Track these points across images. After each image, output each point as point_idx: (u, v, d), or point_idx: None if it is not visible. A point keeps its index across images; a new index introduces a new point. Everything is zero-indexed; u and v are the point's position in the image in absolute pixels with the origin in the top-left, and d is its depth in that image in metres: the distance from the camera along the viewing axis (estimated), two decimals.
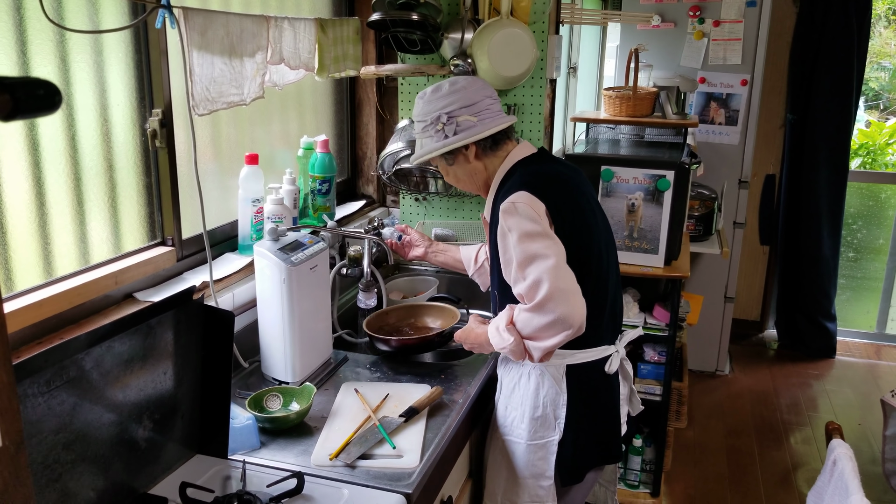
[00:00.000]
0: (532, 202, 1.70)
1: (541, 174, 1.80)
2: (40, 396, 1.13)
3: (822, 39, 4.36)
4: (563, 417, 1.84)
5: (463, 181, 1.91)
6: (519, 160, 1.84)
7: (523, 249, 1.66)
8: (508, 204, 1.71)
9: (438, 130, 1.79)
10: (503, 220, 1.71)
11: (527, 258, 1.65)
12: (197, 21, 1.66)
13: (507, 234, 1.70)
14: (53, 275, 1.56)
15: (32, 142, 1.48)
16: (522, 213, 1.68)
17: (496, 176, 1.86)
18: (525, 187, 1.73)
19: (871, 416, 3.98)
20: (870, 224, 4.99)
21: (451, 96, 1.80)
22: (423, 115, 1.82)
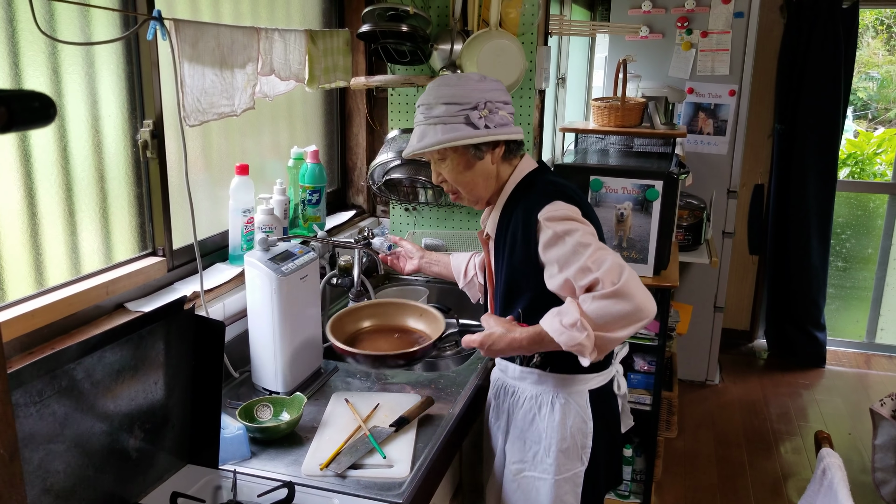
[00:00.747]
0: (571, 208, 1.64)
1: (559, 185, 1.72)
2: (32, 406, 1.14)
3: (809, 50, 4.40)
4: (589, 446, 1.77)
5: (473, 185, 1.75)
6: (528, 173, 1.76)
7: (591, 241, 1.57)
8: (551, 212, 1.62)
9: (480, 118, 1.64)
10: (553, 227, 1.60)
11: (597, 248, 1.56)
12: (188, 33, 1.67)
13: (563, 237, 1.59)
14: (45, 285, 1.56)
15: (24, 152, 1.48)
16: (572, 217, 1.61)
17: (506, 188, 1.76)
18: (557, 196, 1.66)
19: (860, 426, 4.00)
20: (858, 233, 5.03)
21: (492, 85, 1.69)
22: (458, 97, 1.65)
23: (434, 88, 1.69)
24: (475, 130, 1.65)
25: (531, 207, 1.65)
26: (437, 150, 1.68)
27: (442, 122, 1.66)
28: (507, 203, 1.74)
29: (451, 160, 1.71)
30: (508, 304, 1.77)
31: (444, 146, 1.66)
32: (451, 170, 1.73)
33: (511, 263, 1.72)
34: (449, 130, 1.65)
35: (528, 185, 1.73)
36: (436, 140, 1.66)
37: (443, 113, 1.66)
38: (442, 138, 1.65)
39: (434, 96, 1.67)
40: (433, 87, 1.70)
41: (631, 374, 3.06)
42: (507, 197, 1.75)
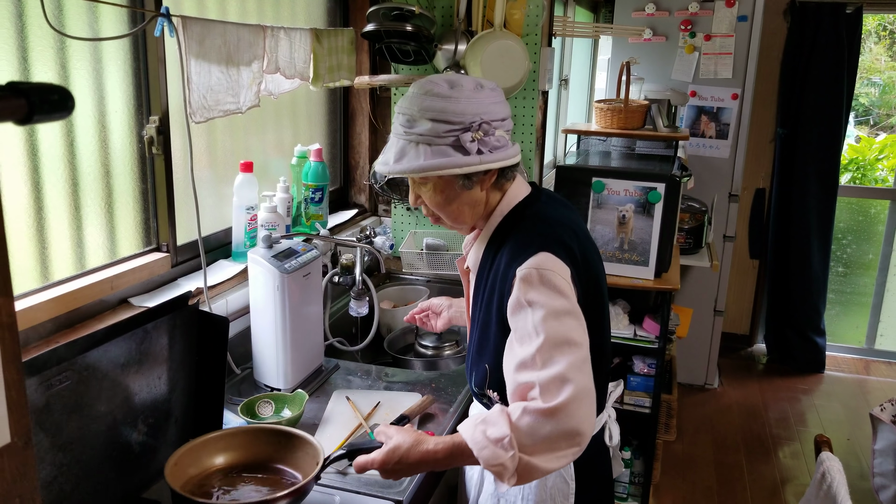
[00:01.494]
0: (558, 267, 1.35)
1: (553, 223, 1.45)
2: (37, 399, 1.14)
3: (812, 54, 4.42)
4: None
5: (457, 214, 1.48)
6: (518, 203, 1.50)
7: (551, 330, 1.29)
8: (530, 271, 1.34)
9: (473, 141, 1.36)
10: (523, 292, 1.33)
11: (553, 342, 1.28)
12: (195, 30, 1.68)
13: (528, 308, 1.32)
14: (50, 279, 1.57)
15: (32, 147, 1.49)
16: (550, 285, 1.32)
17: (493, 218, 1.50)
18: (546, 247, 1.37)
19: (859, 431, 4.01)
20: (859, 239, 5.03)
21: (489, 97, 1.40)
22: (448, 113, 1.36)
23: (418, 97, 1.39)
24: (466, 157, 1.36)
25: (514, 256, 1.39)
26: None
27: (426, 141, 1.37)
28: (493, 237, 1.49)
29: (433, 185, 1.44)
30: (479, 353, 1.52)
31: (428, 174, 1.39)
32: (433, 196, 1.46)
33: (488, 312, 1.46)
34: (435, 154, 1.36)
35: (519, 218, 1.47)
36: (418, 165, 1.37)
37: (428, 131, 1.36)
38: (425, 164, 1.36)
39: (419, 107, 1.37)
40: (417, 94, 1.39)
41: (630, 377, 3.06)
42: (494, 229, 1.50)
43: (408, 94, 1.42)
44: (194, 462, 1.42)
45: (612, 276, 2.89)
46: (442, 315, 2.00)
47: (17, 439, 0.58)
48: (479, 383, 1.52)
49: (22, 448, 0.58)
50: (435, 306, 2.01)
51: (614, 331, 2.97)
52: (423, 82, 1.41)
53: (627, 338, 2.98)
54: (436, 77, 1.41)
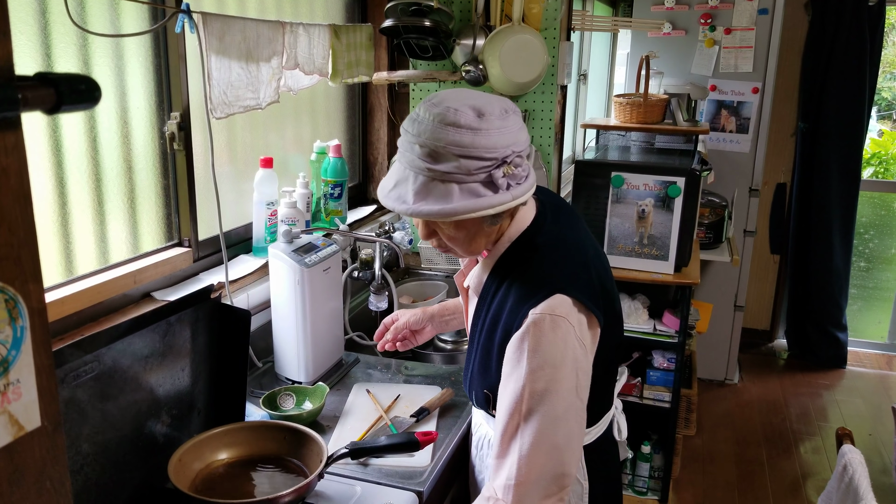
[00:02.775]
0: (572, 314, 1.29)
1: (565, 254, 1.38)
2: (63, 390, 1.16)
3: (834, 48, 4.37)
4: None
5: (474, 246, 1.38)
6: (526, 228, 1.40)
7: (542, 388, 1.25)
8: (543, 316, 1.26)
9: (503, 176, 1.23)
10: (531, 335, 1.26)
11: (540, 398, 1.25)
12: (215, 26, 1.69)
13: (529, 353, 1.27)
14: (74, 273, 1.59)
15: (55, 143, 1.51)
16: (561, 334, 1.27)
17: (500, 243, 1.40)
18: (562, 287, 1.29)
19: (881, 427, 3.97)
20: (882, 234, 4.98)
21: (515, 123, 1.27)
22: (479, 148, 1.21)
23: (441, 128, 1.21)
24: (497, 196, 1.23)
25: (528, 294, 1.31)
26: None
27: (455, 180, 1.22)
28: (499, 263, 1.41)
29: (455, 224, 1.31)
30: (482, 375, 1.44)
31: (460, 217, 1.24)
32: (454, 233, 1.34)
33: (489, 340, 1.40)
34: (464, 193, 1.22)
35: (529, 247, 1.38)
36: (450, 209, 1.22)
37: (457, 169, 1.21)
38: (457, 207, 1.21)
39: (445, 141, 1.21)
40: (440, 124, 1.22)
41: (650, 371, 3.06)
42: (500, 255, 1.41)
43: (424, 122, 1.24)
44: (197, 459, 1.43)
45: (632, 271, 2.88)
46: (425, 331, 1.84)
47: (47, 423, 0.59)
48: (480, 404, 1.49)
49: (52, 432, 0.60)
50: (412, 324, 1.82)
51: (634, 325, 2.97)
52: (443, 110, 1.23)
53: (647, 332, 2.97)
54: (457, 103, 1.23)
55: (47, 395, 0.59)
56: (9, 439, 0.57)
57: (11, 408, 0.57)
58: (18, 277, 0.58)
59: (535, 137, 2.77)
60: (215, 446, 1.46)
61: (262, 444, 1.49)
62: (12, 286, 0.57)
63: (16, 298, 0.57)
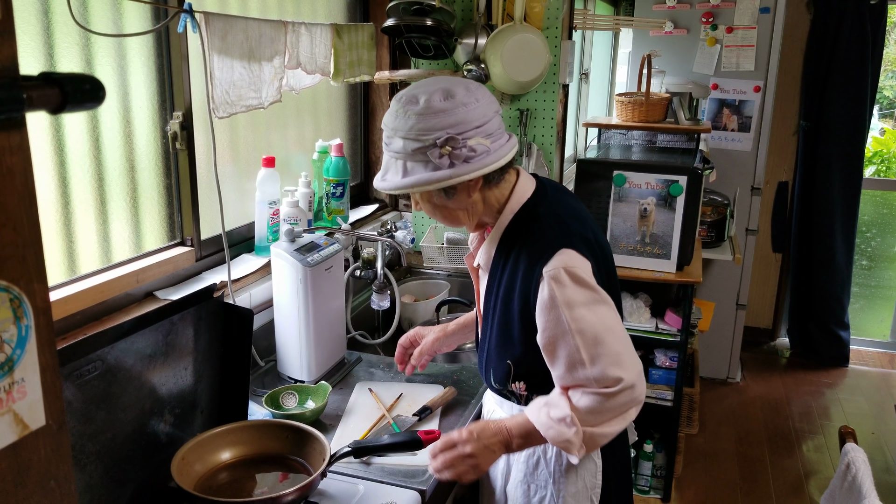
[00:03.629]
0: (581, 263, 1.40)
1: (567, 219, 1.48)
2: (67, 389, 1.16)
3: (836, 47, 4.36)
4: (599, 486, 1.60)
5: (453, 219, 1.50)
6: (527, 200, 1.50)
7: (588, 325, 1.37)
8: (558, 271, 1.38)
9: (440, 157, 1.35)
10: (556, 291, 1.37)
11: (594, 336, 1.37)
12: (217, 26, 1.70)
13: (563, 308, 1.37)
14: (77, 272, 1.59)
15: (58, 142, 1.51)
16: (579, 281, 1.38)
17: (503, 216, 1.50)
18: (567, 243, 1.41)
19: (884, 426, 3.97)
20: (884, 232, 4.97)
21: (462, 110, 1.37)
22: (415, 131, 1.36)
23: (393, 115, 1.41)
24: (437, 173, 1.37)
25: (537, 256, 1.41)
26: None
27: (401, 158, 1.39)
28: (505, 235, 1.50)
29: (421, 197, 1.47)
30: (502, 350, 1.54)
31: (405, 191, 1.41)
32: (426, 206, 1.50)
33: (506, 313, 1.49)
34: (410, 171, 1.39)
35: (529, 218, 1.48)
36: (397, 183, 1.40)
37: (401, 149, 1.38)
38: (402, 182, 1.39)
39: (392, 126, 1.40)
40: (394, 111, 1.41)
41: (652, 370, 3.06)
42: (504, 228, 1.50)
43: (390, 109, 1.43)
44: (200, 458, 1.43)
45: (634, 270, 2.88)
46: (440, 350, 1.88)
47: (52, 422, 0.59)
48: (499, 380, 1.55)
49: (56, 431, 0.60)
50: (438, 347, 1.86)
51: (636, 324, 2.97)
52: (401, 97, 1.41)
53: (649, 331, 2.97)
54: (417, 89, 1.40)
55: (52, 394, 0.59)
56: (13, 438, 0.57)
57: (16, 407, 0.58)
58: (23, 277, 0.58)
59: (536, 136, 2.77)
60: (218, 445, 1.46)
61: (264, 442, 1.50)
62: (17, 285, 0.57)
63: (20, 298, 0.58)
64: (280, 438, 1.50)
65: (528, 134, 2.77)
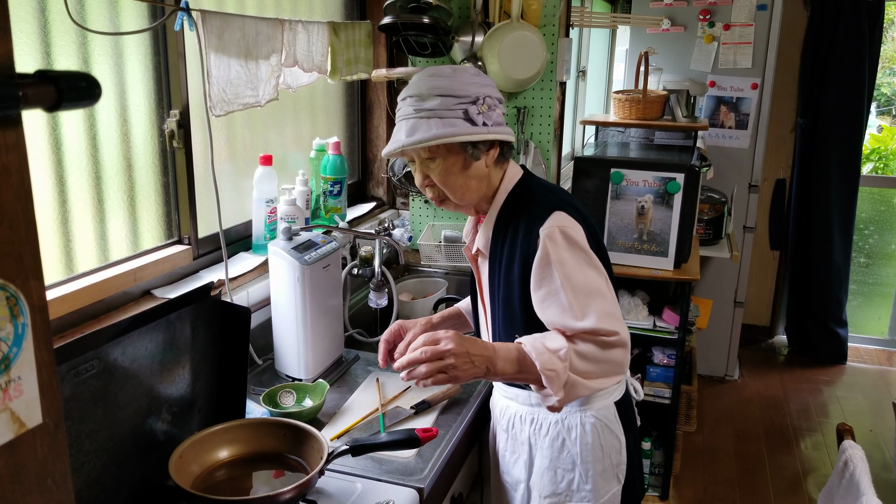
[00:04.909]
0: (574, 225, 1.49)
1: (557, 191, 1.61)
2: (64, 388, 1.16)
3: (833, 44, 4.37)
4: (624, 462, 1.65)
5: (465, 188, 1.55)
6: (517, 181, 1.60)
7: (582, 282, 1.44)
8: (553, 229, 1.46)
9: (479, 113, 1.47)
10: (551, 250, 1.45)
11: (587, 292, 1.43)
12: (214, 24, 1.69)
13: (556, 265, 1.44)
14: (74, 271, 1.59)
15: (55, 141, 1.51)
16: (572, 241, 1.46)
17: (497, 197, 1.59)
18: (559, 206, 1.50)
19: (882, 423, 3.98)
20: (882, 229, 4.98)
21: (487, 80, 1.53)
22: (454, 89, 1.46)
23: (425, 79, 1.50)
24: (474, 127, 1.47)
25: (533, 220, 1.50)
26: (429, 146, 1.47)
27: (437, 115, 1.46)
28: (501, 215, 1.58)
29: (442, 160, 1.51)
30: (508, 329, 1.59)
31: (441, 142, 1.45)
32: (443, 171, 1.52)
33: (509, 283, 1.55)
34: (446, 125, 1.45)
35: (522, 194, 1.58)
36: (431, 135, 1.45)
37: (438, 105, 1.46)
38: (438, 133, 1.45)
39: (427, 87, 1.48)
40: (424, 77, 1.51)
41: (650, 368, 3.06)
42: (500, 207, 1.59)
43: (413, 82, 1.53)
44: (198, 456, 1.43)
45: (631, 267, 2.88)
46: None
47: (48, 420, 0.59)
48: None
49: (53, 429, 0.60)
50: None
51: (634, 321, 2.97)
52: (425, 70, 1.55)
53: (647, 329, 2.97)
54: (435, 66, 1.55)
55: (49, 392, 0.59)
56: (10, 436, 0.57)
57: (13, 405, 0.57)
58: (19, 275, 0.58)
59: (534, 134, 2.77)
60: (216, 443, 1.46)
61: (262, 441, 1.49)
62: (13, 283, 0.57)
63: (17, 296, 0.58)
64: (278, 437, 1.50)
65: (525, 131, 2.77)
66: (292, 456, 1.48)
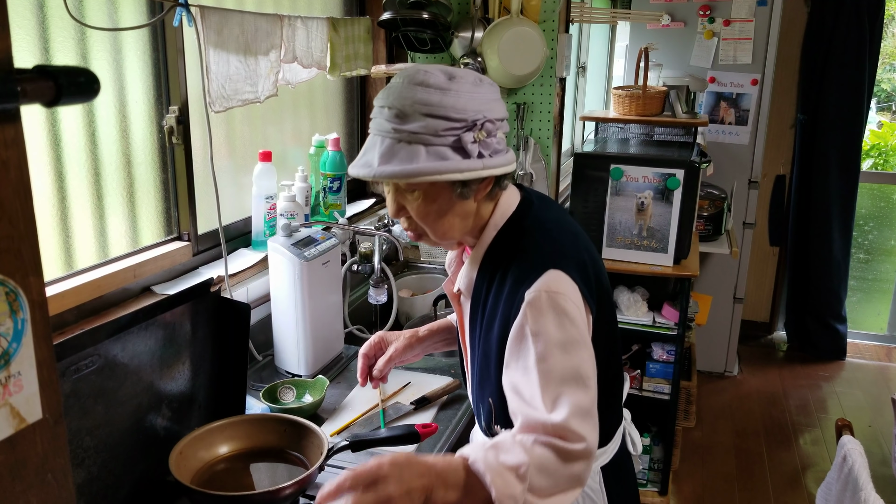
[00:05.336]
0: (569, 289, 1.19)
1: (556, 233, 1.29)
2: (64, 384, 1.16)
3: (833, 39, 4.36)
4: None
5: (447, 228, 1.27)
6: (512, 214, 1.31)
7: (561, 365, 1.15)
8: (539, 294, 1.17)
9: (475, 142, 1.17)
10: (530, 319, 1.17)
11: (563, 378, 1.14)
12: (213, 19, 1.69)
13: (533, 339, 1.16)
14: (74, 267, 1.59)
15: (54, 137, 1.51)
16: (559, 310, 1.17)
17: (486, 232, 1.31)
18: (555, 263, 1.21)
19: (881, 418, 3.98)
20: (881, 225, 4.98)
21: (490, 93, 1.22)
22: (448, 108, 1.16)
23: (409, 87, 1.17)
24: (467, 161, 1.17)
25: (521, 277, 1.21)
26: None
27: (421, 141, 1.16)
28: (489, 254, 1.30)
29: (423, 193, 1.22)
30: (481, 387, 1.34)
31: (424, 179, 1.16)
32: (421, 206, 1.24)
33: (487, 342, 1.29)
34: (432, 156, 1.16)
35: (515, 234, 1.29)
36: (412, 169, 1.15)
37: (423, 129, 1.15)
38: (422, 167, 1.15)
39: (412, 100, 1.16)
40: (409, 86, 1.17)
41: (650, 364, 3.06)
42: (488, 246, 1.31)
43: (393, 85, 1.20)
44: (198, 452, 1.42)
45: (631, 263, 2.89)
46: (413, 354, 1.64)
47: (48, 416, 0.59)
48: (486, 420, 1.35)
49: (53, 424, 0.60)
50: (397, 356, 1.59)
51: (633, 317, 2.97)
52: (412, 72, 1.19)
53: (646, 325, 2.97)
54: (428, 66, 1.20)
55: (48, 388, 0.59)
56: (10, 431, 0.57)
57: (13, 400, 0.58)
58: (19, 270, 0.58)
59: (533, 130, 2.77)
60: (216, 439, 1.46)
61: (262, 436, 1.50)
62: (13, 279, 0.57)
63: (16, 291, 0.58)
64: (278, 432, 1.50)
65: (525, 128, 2.77)
66: (292, 452, 1.48)
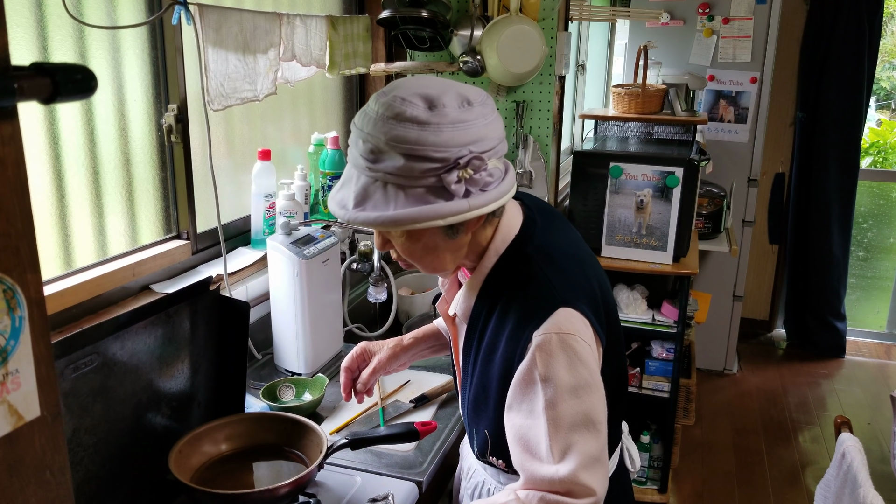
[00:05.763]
0: (580, 329, 1.13)
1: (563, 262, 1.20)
2: (63, 382, 1.16)
3: (832, 37, 4.36)
4: None
5: (437, 263, 1.19)
6: (514, 237, 1.21)
7: (571, 411, 1.09)
8: (549, 336, 1.10)
9: (459, 181, 1.05)
10: (540, 363, 1.10)
11: (573, 424, 1.09)
12: (212, 18, 1.69)
13: (542, 384, 1.10)
14: (73, 266, 1.59)
15: (53, 135, 1.51)
16: (571, 352, 1.10)
17: (486, 259, 1.21)
18: (565, 300, 1.13)
19: (880, 416, 3.98)
20: (880, 223, 4.98)
21: (482, 122, 1.08)
22: (427, 145, 1.04)
23: (385, 122, 1.05)
24: (450, 204, 1.06)
25: (528, 314, 1.13)
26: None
27: (398, 184, 1.05)
28: (488, 283, 1.22)
29: (405, 233, 1.14)
30: (476, 415, 1.28)
31: (405, 228, 1.07)
32: (406, 245, 1.16)
33: (486, 374, 1.22)
34: (412, 199, 1.05)
35: (520, 259, 1.19)
36: (389, 216, 1.05)
37: (399, 170, 1.04)
38: (400, 214, 1.05)
39: (386, 136, 1.04)
40: (384, 116, 1.05)
41: (649, 362, 3.06)
42: (487, 274, 1.22)
43: (369, 112, 1.08)
44: (197, 450, 1.43)
45: (630, 261, 2.89)
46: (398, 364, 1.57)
47: (46, 413, 0.59)
48: (480, 448, 1.31)
49: (51, 422, 0.60)
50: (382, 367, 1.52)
51: (633, 315, 2.97)
52: (390, 99, 1.06)
53: (646, 323, 2.97)
54: (407, 91, 1.07)
55: (46, 385, 0.59)
56: (8, 429, 0.57)
57: (11, 397, 0.58)
58: (16, 268, 0.58)
59: (533, 128, 2.77)
60: (215, 438, 1.46)
61: (261, 435, 1.50)
62: (10, 276, 0.57)
63: (14, 289, 0.58)
64: (277, 431, 1.50)
65: (524, 126, 2.77)
66: (292, 450, 1.48)
